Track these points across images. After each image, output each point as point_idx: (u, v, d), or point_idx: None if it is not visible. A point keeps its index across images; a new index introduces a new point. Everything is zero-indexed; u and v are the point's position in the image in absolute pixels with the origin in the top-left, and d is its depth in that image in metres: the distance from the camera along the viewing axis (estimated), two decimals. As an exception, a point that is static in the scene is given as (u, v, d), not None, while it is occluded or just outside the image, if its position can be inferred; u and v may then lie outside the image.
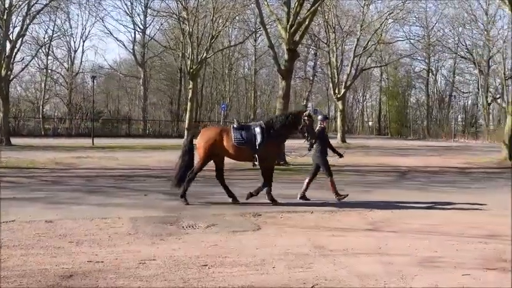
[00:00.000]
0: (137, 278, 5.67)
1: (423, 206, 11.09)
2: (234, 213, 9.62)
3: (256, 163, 10.70)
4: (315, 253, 6.89)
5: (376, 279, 5.83)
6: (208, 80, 55.23)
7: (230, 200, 10.89)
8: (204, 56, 33.99)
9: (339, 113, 41.18)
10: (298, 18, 21.03)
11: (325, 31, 40.46)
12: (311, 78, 55.55)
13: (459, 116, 60.87)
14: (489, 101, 52.56)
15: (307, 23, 21.34)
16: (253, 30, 48.53)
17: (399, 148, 34.23)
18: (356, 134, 62.18)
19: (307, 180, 11.61)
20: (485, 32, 49.63)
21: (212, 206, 10.58)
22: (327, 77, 46.05)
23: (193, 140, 11.08)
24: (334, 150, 11.84)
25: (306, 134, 10.73)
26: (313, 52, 53.67)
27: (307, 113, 11.01)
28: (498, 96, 53.04)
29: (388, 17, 41.36)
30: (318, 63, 54.79)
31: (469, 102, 60.06)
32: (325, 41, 41.15)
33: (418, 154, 28.76)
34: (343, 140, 39.04)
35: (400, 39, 53.83)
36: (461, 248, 7.36)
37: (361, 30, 39.70)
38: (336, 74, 39.99)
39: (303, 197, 11.48)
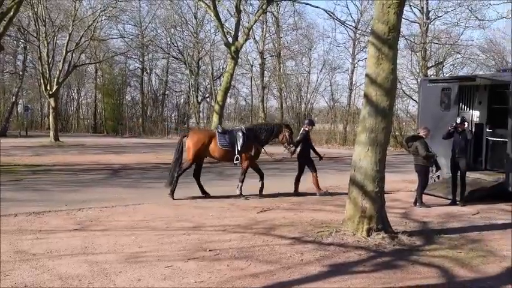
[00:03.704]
0: None
1: (133, 203, 11.30)
2: None
3: (236, 162, 12.19)
4: (15, 259, 6.54)
5: (80, 280, 5.78)
6: None
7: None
8: None
9: (51, 111, 39.33)
10: (2, 8, 19.56)
11: (35, 24, 38.28)
12: (21, 73, 52.07)
13: (172, 114, 63.20)
14: (199, 100, 55.78)
15: (12, 13, 19.94)
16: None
17: (115, 146, 34.05)
18: (71, 132, 60.05)
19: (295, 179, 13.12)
20: (195, 35, 52.50)
21: None
22: (39, 72, 43.52)
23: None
24: (316, 152, 13.52)
25: (285, 144, 12.67)
26: (22, 46, 50.40)
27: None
28: (207, 95, 56.65)
29: (101, 14, 40.92)
30: (29, 57, 51.64)
31: (182, 100, 62.74)
32: (35, 35, 38.97)
33: (133, 151, 28.88)
34: (56, 139, 37.15)
35: (115, 37, 53.75)
36: (165, 241, 7.72)
37: (73, 25, 38.53)
38: (47, 69, 38.11)
39: (297, 192, 12.99)
